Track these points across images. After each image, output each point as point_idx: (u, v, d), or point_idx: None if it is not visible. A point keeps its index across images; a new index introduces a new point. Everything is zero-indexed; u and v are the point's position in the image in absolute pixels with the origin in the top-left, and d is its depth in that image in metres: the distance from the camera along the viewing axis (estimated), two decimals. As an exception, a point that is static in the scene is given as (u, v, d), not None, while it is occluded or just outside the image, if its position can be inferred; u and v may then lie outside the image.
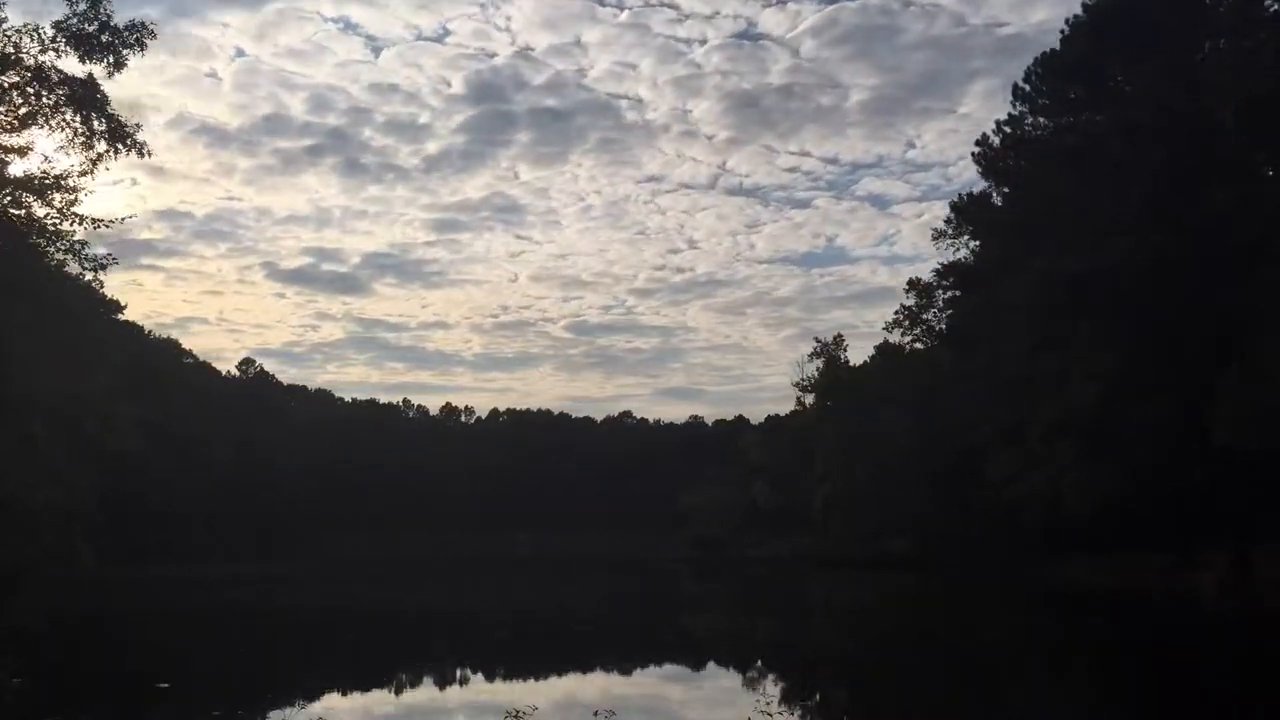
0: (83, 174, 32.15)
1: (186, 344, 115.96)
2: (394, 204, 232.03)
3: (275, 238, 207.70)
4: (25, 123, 31.13)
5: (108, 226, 33.98)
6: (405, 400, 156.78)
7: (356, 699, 21.30)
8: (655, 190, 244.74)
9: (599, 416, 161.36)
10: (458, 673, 25.62)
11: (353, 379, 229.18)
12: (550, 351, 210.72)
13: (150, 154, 32.26)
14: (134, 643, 32.24)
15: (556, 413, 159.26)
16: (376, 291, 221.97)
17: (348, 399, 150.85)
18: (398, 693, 22.46)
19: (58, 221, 32.86)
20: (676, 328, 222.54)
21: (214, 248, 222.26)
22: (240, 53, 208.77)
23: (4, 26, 29.87)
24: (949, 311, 67.72)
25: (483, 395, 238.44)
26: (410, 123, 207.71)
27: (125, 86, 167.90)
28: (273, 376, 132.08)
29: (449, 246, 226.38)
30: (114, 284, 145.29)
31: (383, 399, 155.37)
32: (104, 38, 29.93)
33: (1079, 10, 52.20)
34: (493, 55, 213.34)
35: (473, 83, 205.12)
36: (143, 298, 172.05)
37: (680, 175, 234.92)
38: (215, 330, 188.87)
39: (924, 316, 70.51)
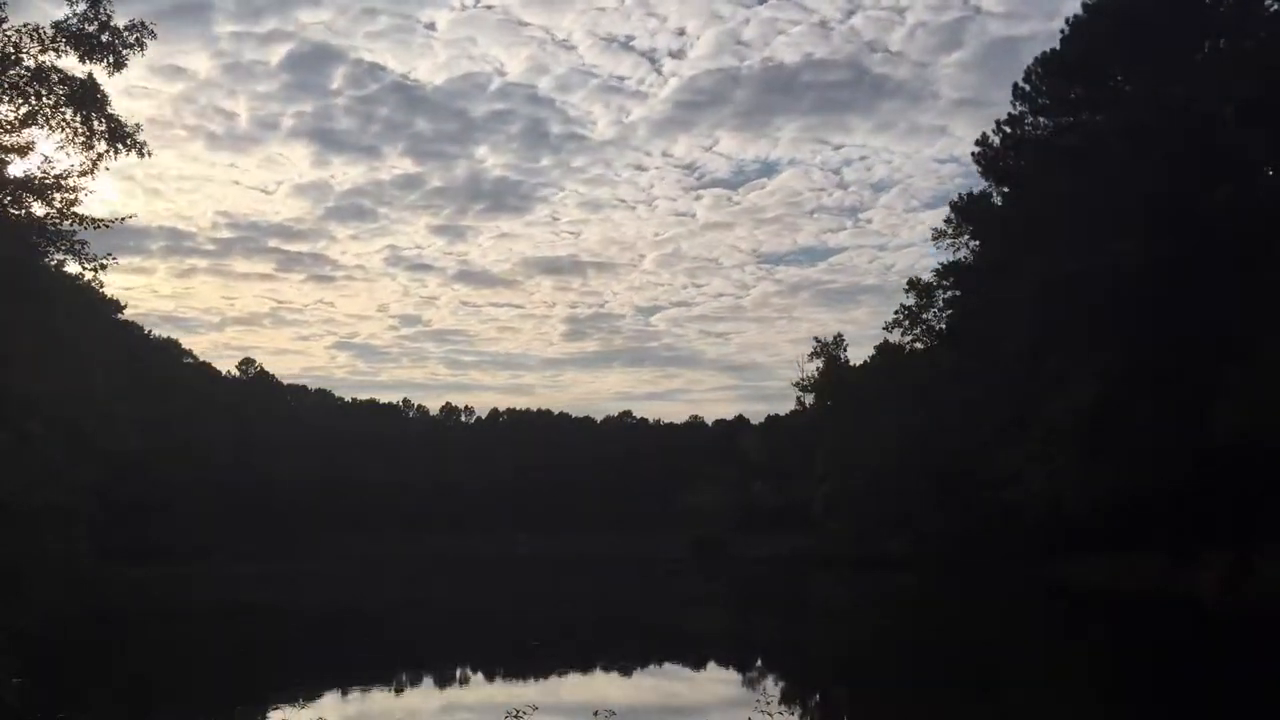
0: (83, 174, 32.08)
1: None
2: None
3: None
4: (25, 123, 31.07)
5: (108, 226, 33.97)
6: (405, 400, 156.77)
7: (357, 698, 21.31)
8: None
9: (599, 416, 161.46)
10: (457, 672, 25.64)
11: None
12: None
13: (150, 154, 32.25)
14: (134, 642, 32.25)
15: (556, 413, 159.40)
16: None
17: (348, 399, 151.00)
18: (397, 692, 22.47)
19: (58, 221, 32.81)
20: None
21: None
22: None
23: (4, 26, 29.86)
24: (949, 311, 67.70)
25: (483, 395, 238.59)
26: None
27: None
28: (272, 376, 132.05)
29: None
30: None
31: (382, 399, 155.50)
32: (104, 38, 29.87)
33: (1079, 10, 52.27)
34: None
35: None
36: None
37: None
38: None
39: (924, 316, 70.49)
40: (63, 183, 32.41)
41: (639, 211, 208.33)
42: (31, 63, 29.93)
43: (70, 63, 30.42)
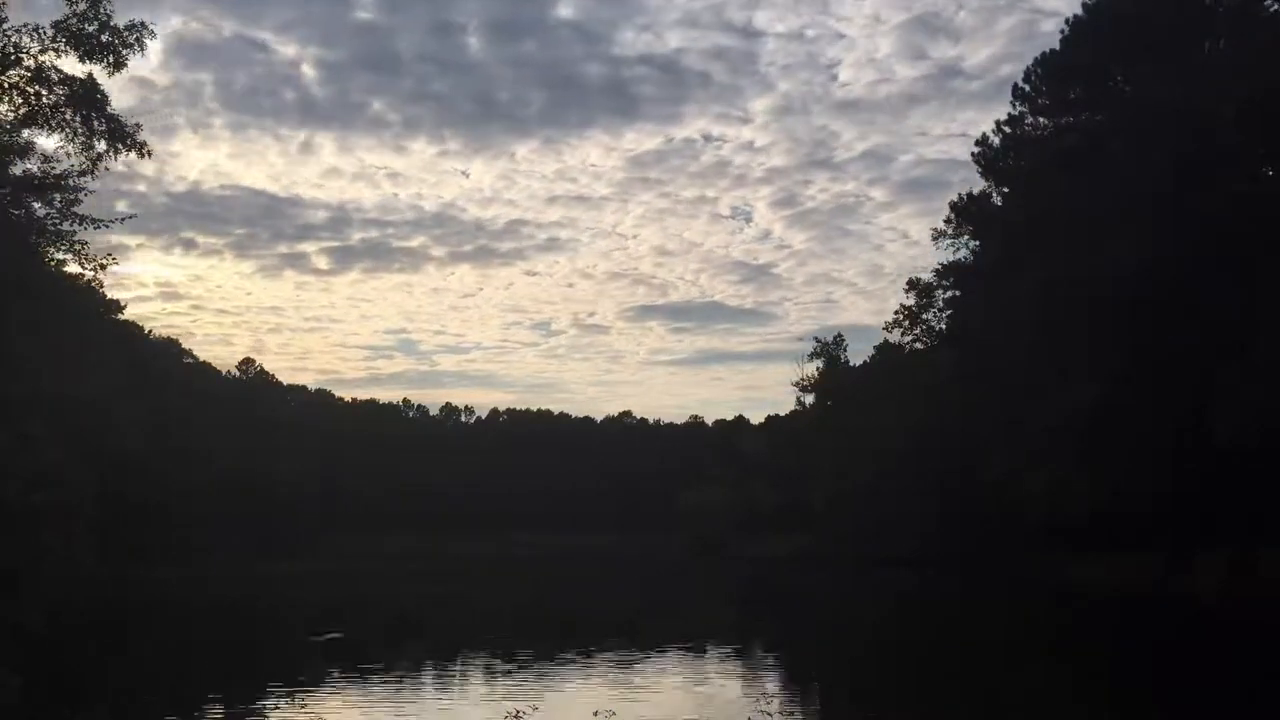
0: (83, 174, 32.11)
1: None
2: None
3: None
4: (25, 123, 31.08)
5: (108, 226, 33.99)
6: (405, 400, 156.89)
7: (357, 698, 21.31)
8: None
9: (599, 416, 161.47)
10: (458, 671, 25.65)
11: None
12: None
13: (151, 154, 32.26)
14: (134, 642, 32.26)
15: (556, 412, 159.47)
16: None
17: (348, 399, 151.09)
18: (398, 691, 22.47)
19: (58, 221, 32.82)
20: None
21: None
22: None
23: (4, 26, 29.87)
24: (949, 311, 67.71)
25: (483, 395, 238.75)
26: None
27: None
28: (272, 376, 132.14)
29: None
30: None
31: (382, 399, 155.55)
32: (104, 38, 29.87)
33: (1079, 10, 52.29)
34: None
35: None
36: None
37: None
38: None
39: (924, 316, 70.53)
40: (63, 183, 32.43)
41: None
42: (31, 63, 29.92)
43: (70, 63, 30.45)
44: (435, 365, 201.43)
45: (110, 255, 33.39)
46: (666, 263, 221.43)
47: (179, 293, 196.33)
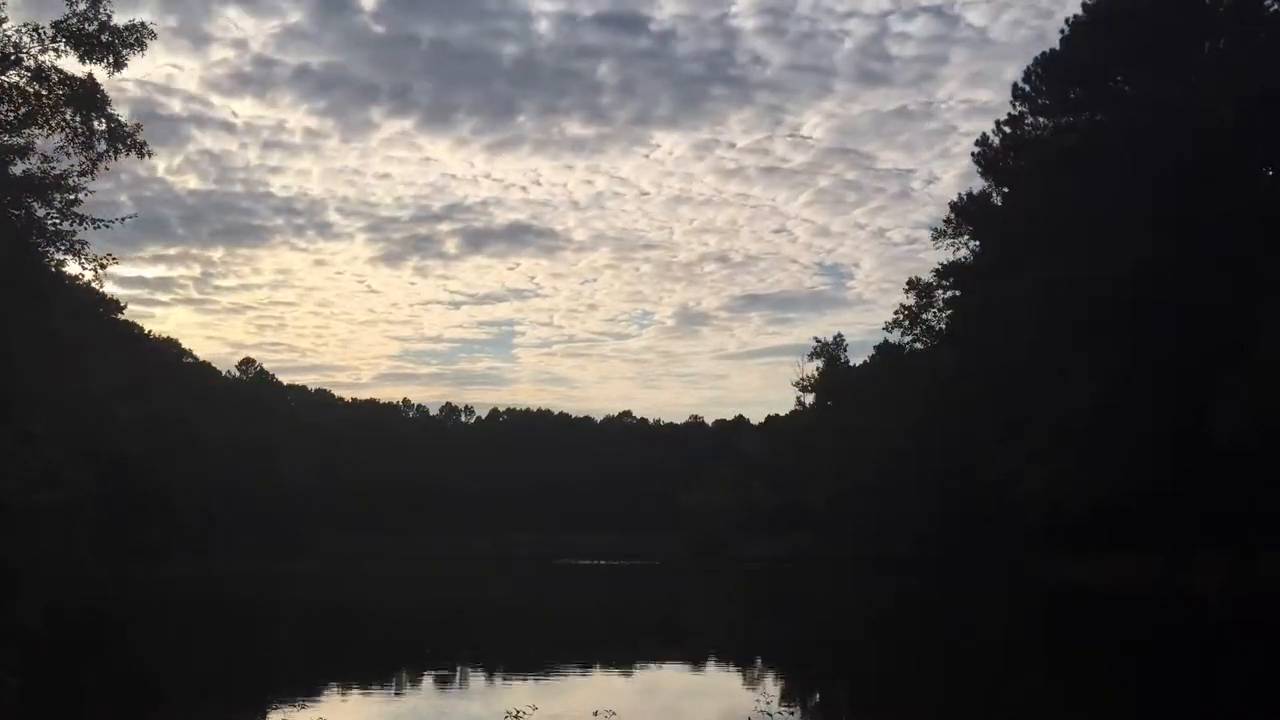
0: (83, 174, 32.12)
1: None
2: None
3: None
4: (25, 123, 31.07)
5: (108, 226, 33.98)
6: (405, 400, 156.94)
7: (357, 698, 21.30)
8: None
9: (599, 417, 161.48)
10: (457, 672, 25.63)
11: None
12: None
13: (151, 154, 32.25)
14: (134, 641, 32.24)
15: (556, 413, 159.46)
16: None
17: (348, 399, 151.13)
18: (397, 691, 22.46)
19: (58, 221, 32.81)
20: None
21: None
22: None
23: (4, 26, 29.87)
24: (949, 311, 67.69)
25: (483, 395, 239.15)
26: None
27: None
28: (272, 376, 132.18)
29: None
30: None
31: (382, 399, 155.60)
32: (104, 38, 29.88)
33: (1079, 10, 52.27)
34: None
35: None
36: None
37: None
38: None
39: (924, 316, 70.46)
40: (63, 183, 32.42)
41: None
42: (31, 63, 29.94)
43: (70, 63, 30.44)
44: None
45: (110, 255, 33.42)
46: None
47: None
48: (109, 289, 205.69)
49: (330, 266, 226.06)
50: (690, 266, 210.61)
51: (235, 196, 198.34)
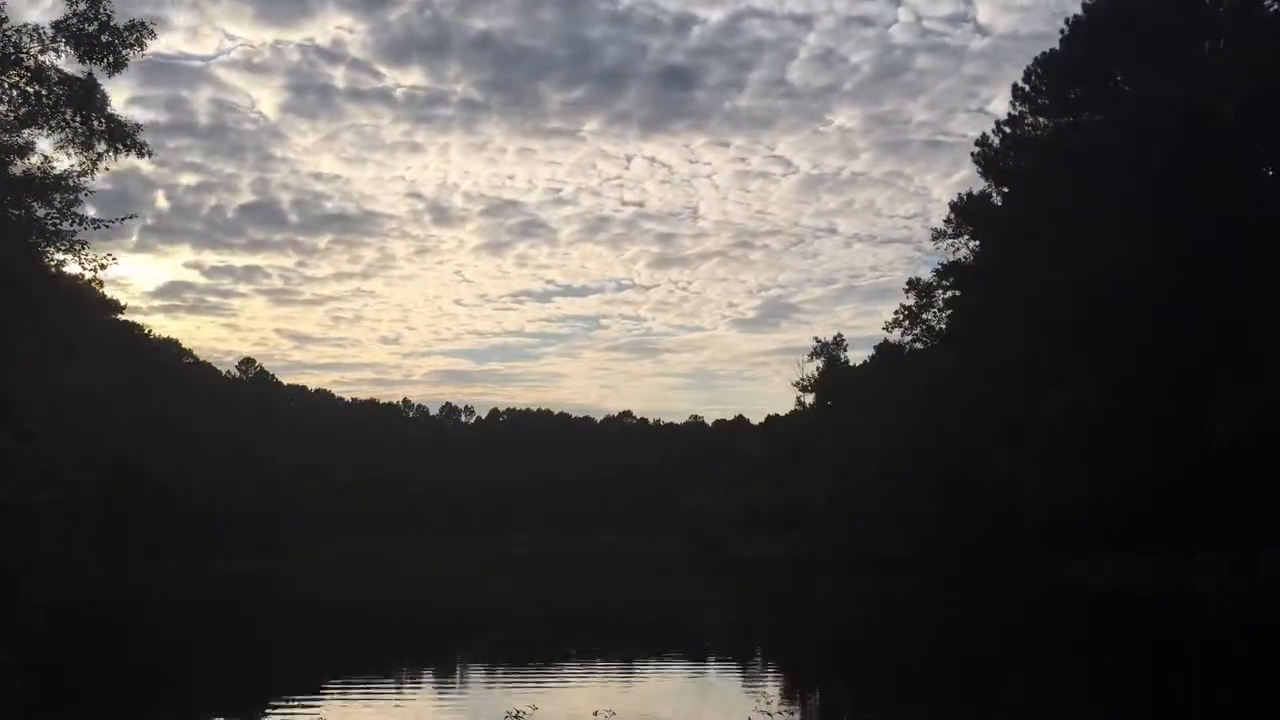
0: (83, 174, 32.15)
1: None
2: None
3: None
4: (25, 123, 31.10)
5: (108, 226, 34.00)
6: (405, 400, 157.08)
7: (357, 698, 21.30)
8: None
9: (599, 417, 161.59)
10: (457, 671, 25.64)
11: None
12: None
13: (151, 153, 32.26)
14: (134, 641, 32.24)
15: (556, 412, 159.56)
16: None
17: (348, 399, 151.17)
18: (397, 691, 22.46)
19: (58, 221, 32.82)
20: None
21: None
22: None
23: (4, 26, 29.86)
24: (949, 311, 67.68)
25: (483, 394, 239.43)
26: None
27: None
28: (272, 376, 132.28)
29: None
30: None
31: (382, 399, 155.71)
32: (104, 38, 29.90)
33: (1079, 10, 52.30)
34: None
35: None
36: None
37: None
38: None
39: (924, 316, 70.44)
40: (63, 183, 32.42)
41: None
42: (31, 63, 29.94)
43: (70, 63, 30.45)
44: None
45: (110, 255, 33.41)
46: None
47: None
48: (192, 277, 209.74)
49: (432, 255, 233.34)
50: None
51: (361, 181, 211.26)
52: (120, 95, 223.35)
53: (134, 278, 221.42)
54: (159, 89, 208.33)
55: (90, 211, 33.55)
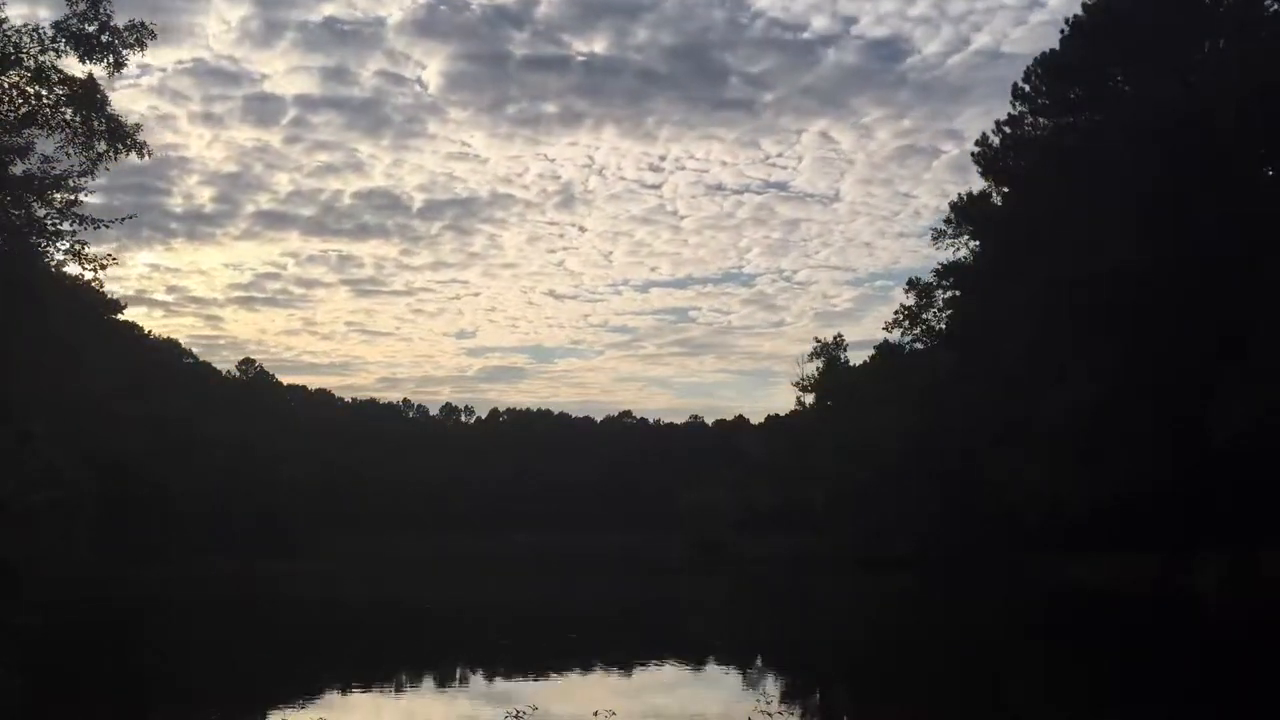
0: (83, 174, 32.19)
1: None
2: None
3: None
4: (25, 123, 31.11)
5: (108, 226, 34.01)
6: (405, 400, 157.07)
7: (357, 698, 21.30)
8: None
9: (599, 416, 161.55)
10: (457, 672, 25.65)
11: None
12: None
13: (151, 153, 32.26)
14: (134, 641, 32.24)
15: (556, 413, 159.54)
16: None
17: (348, 399, 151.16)
18: (398, 691, 22.47)
19: (58, 221, 32.85)
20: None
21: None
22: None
23: (4, 26, 29.88)
24: (949, 311, 67.67)
25: (483, 395, 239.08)
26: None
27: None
28: (272, 376, 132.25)
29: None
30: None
31: (382, 399, 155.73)
32: (104, 38, 29.92)
33: (1079, 10, 52.27)
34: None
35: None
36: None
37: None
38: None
39: (924, 316, 70.43)
40: (63, 183, 32.46)
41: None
42: (31, 63, 29.96)
43: (70, 63, 30.47)
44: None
45: (110, 255, 33.43)
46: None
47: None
48: (292, 269, 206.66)
49: (542, 243, 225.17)
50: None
51: (500, 160, 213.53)
52: (273, 65, 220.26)
53: (220, 269, 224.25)
54: (321, 57, 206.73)
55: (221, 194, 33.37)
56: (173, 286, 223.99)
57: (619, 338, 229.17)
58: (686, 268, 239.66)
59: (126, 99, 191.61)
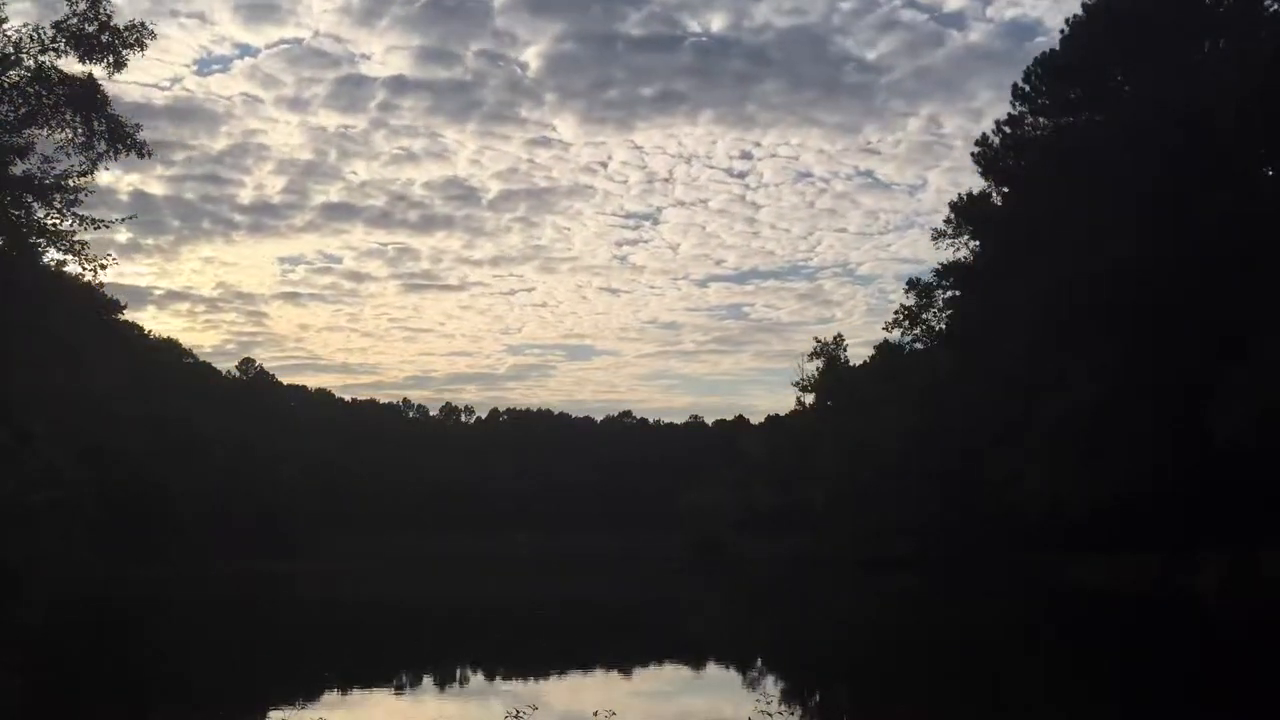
0: (83, 174, 32.20)
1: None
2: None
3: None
4: (25, 123, 31.14)
5: (108, 227, 34.02)
6: (405, 400, 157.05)
7: (357, 698, 21.30)
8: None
9: (599, 416, 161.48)
10: (457, 672, 25.64)
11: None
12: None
13: (150, 153, 32.28)
14: (134, 641, 32.23)
15: (556, 413, 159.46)
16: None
17: (348, 399, 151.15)
18: (398, 691, 22.46)
19: (58, 221, 32.86)
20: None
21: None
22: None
23: (4, 26, 29.91)
24: (949, 311, 67.68)
25: (483, 395, 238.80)
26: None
27: None
28: (272, 376, 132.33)
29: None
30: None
31: (382, 399, 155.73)
32: (104, 38, 29.95)
33: (1079, 10, 52.28)
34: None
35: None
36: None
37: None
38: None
39: (924, 316, 70.44)
40: (63, 183, 32.46)
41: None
42: (31, 63, 29.99)
43: (70, 63, 30.50)
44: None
45: (110, 255, 33.44)
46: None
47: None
48: (348, 263, 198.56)
49: (611, 235, 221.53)
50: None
51: (586, 150, 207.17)
52: (372, 45, 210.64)
53: (272, 263, 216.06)
54: (420, 37, 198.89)
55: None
56: (221, 281, 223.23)
57: (664, 334, 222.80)
58: (752, 260, 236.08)
59: (217, 84, 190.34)
